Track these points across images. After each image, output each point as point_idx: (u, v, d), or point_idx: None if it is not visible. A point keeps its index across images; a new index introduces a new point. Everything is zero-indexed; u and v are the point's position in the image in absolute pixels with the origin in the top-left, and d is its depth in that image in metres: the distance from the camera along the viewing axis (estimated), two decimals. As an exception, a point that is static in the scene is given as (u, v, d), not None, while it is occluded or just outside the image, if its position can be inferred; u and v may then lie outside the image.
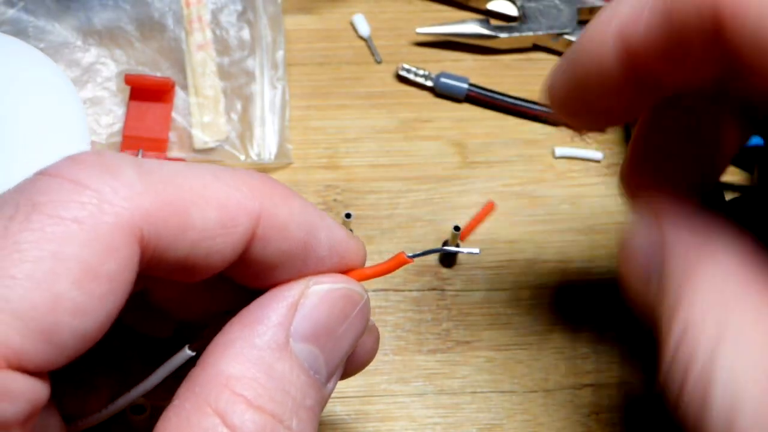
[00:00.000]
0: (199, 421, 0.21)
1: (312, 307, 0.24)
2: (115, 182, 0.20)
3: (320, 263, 0.25)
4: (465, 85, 0.49)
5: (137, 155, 0.45)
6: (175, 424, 0.21)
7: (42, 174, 0.21)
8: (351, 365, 0.28)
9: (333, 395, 0.41)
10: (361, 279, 0.27)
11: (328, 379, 0.25)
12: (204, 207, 0.22)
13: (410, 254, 0.27)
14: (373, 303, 0.43)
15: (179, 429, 0.21)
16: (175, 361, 0.24)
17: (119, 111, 0.47)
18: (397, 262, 0.27)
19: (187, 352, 0.24)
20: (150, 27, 0.49)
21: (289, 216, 0.24)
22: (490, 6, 0.53)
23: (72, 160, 0.21)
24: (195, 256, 0.22)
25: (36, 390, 0.20)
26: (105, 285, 0.19)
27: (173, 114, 0.47)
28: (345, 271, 0.26)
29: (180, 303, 0.27)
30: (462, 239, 0.45)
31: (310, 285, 0.25)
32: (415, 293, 0.44)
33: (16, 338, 0.18)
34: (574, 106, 0.29)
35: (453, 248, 0.31)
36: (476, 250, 0.29)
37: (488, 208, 0.46)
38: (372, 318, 0.28)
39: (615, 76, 0.25)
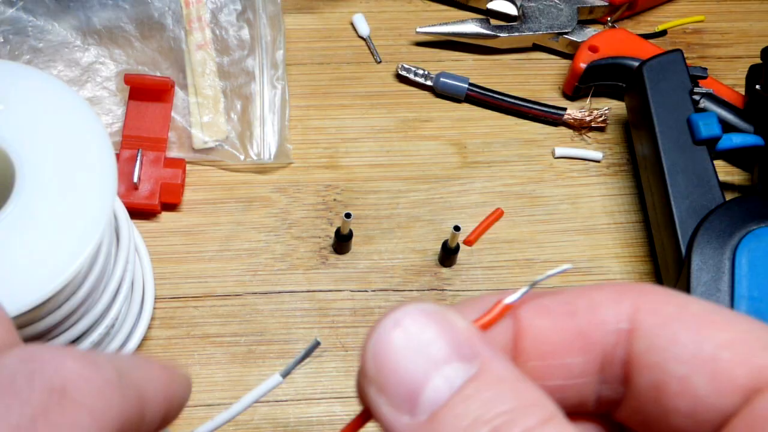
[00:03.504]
0: None
1: None
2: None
3: None
4: (465, 85, 0.49)
5: (137, 154, 0.45)
6: None
7: None
8: None
9: (333, 395, 0.41)
10: None
11: None
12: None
13: None
14: (372, 303, 0.43)
15: None
16: (267, 385, 0.24)
17: (119, 111, 0.47)
18: None
19: (278, 378, 0.24)
20: (149, 26, 0.49)
21: None
22: (490, 6, 0.53)
23: None
24: None
25: None
26: None
27: (173, 114, 0.47)
28: None
29: None
30: (470, 245, 0.44)
31: None
32: (414, 293, 0.44)
33: None
34: None
35: (544, 276, 0.21)
36: (568, 266, 0.21)
37: (496, 216, 0.45)
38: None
39: None
